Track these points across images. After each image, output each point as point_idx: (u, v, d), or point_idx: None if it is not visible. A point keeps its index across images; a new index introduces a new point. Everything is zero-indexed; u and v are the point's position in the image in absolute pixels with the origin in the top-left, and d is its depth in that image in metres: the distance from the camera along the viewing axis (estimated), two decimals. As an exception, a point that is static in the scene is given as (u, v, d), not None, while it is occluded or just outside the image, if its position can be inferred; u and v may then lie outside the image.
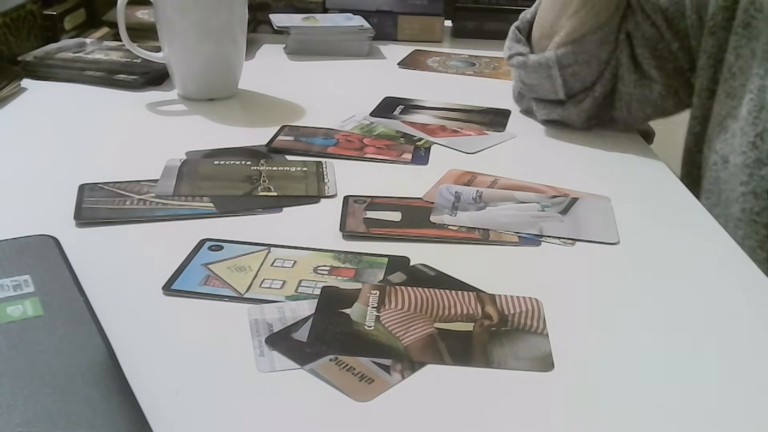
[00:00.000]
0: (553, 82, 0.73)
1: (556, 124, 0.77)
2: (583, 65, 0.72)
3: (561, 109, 0.75)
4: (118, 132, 0.73)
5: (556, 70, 0.72)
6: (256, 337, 0.42)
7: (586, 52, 0.72)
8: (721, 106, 0.66)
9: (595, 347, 0.43)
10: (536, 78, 0.75)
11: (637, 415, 0.38)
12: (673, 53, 0.73)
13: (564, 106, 0.75)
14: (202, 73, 0.80)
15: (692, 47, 0.71)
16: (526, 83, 0.77)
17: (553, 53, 0.72)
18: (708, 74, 0.69)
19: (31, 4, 0.92)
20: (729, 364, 0.42)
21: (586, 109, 0.74)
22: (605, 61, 0.73)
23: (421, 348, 0.42)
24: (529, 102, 0.79)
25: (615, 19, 0.73)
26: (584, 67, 0.73)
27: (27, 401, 0.35)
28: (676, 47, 0.72)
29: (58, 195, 0.58)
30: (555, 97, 0.75)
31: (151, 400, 0.37)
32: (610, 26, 0.72)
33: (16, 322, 0.41)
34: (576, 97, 0.74)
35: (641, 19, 0.73)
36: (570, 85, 0.73)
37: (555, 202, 0.60)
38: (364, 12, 1.07)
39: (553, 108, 0.76)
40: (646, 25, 0.73)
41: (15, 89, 0.81)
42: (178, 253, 0.50)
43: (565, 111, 0.75)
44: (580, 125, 0.76)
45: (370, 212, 0.57)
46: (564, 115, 0.75)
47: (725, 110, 0.65)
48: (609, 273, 0.51)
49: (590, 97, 0.74)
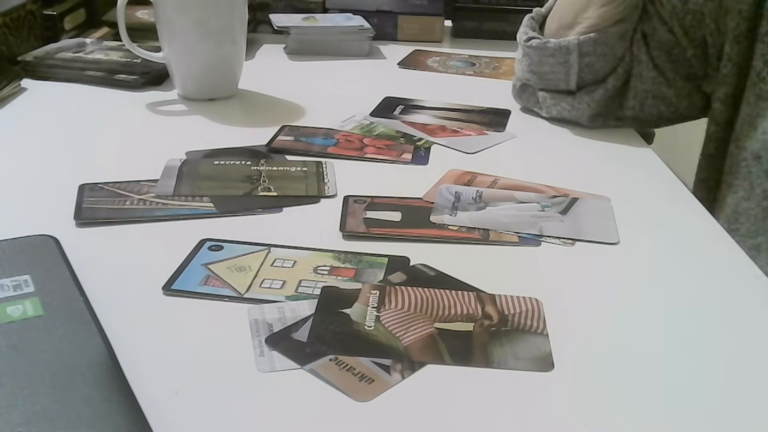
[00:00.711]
0: (568, 70, 0.73)
1: (560, 122, 0.77)
2: (600, 57, 0.73)
3: (571, 99, 0.75)
4: (118, 132, 0.73)
5: (575, 56, 0.73)
6: (256, 337, 0.42)
7: (605, 43, 0.73)
8: (751, 108, 0.67)
9: (595, 347, 0.43)
10: (550, 65, 0.74)
11: (637, 415, 0.38)
12: (687, 59, 0.73)
13: (574, 96, 0.75)
14: (202, 73, 0.80)
15: (709, 55, 0.72)
16: (536, 71, 0.76)
17: (575, 38, 0.73)
18: (733, 81, 0.69)
19: (31, 4, 0.92)
20: (729, 364, 0.42)
21: (597, 101, 0.74)
22: (620, 57, 0.74)
23: (421, 348, 0.42)
24: (532, 97, 0.79)
25: (634, 17, 0.74)
26: (600, 60, 0.73)
27: (27, 401, 0.35)
28: (690, 54, 0.73)
29: (58, 195, 0.58)
30: (565, 87, 0.75)
31: (151, 400, 0.37)
32: (629, 22, 0.73)
33: (16, 322, 0.41)
34: (587, 88, 0.75)
35: (658, 24, 0.73)
36: (583, 76, 0.74)
37: (555, 202, 0.60)
38: (364, 12, 1.07)
39: (561, 98, 0.76)
40: (662, 30, 0.73)
41: (15, 89, 0.81)
42: (178, 253, 0.50)
43: (575, 101, 0.75)
44: (586, 121, 0.76)
45: (370, 212, 0.57)
46: (571, 108, 0.75)
47: (756, 111, 0.66)
48: (609, 273, 0.51)
49: (602, 89, 0.74)
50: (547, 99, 0.77)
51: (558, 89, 0.76)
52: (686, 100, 0.75)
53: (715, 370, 0.42)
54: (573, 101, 0.75)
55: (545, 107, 0.77)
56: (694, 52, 0.73)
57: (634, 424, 0.37)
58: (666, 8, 0.73)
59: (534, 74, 0.77)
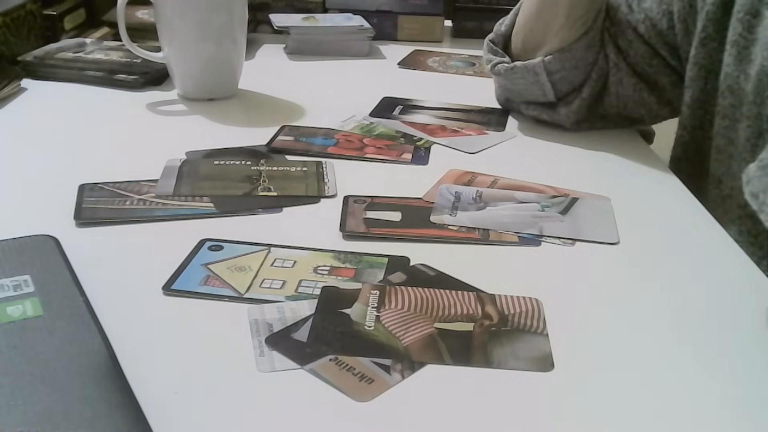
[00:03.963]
0: (542, 87, 0.74)
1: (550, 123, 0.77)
2: (570, 70, 0.73)
3: (551, 112, 0.76)
4: (118, 132, 0.72)
5: (544, 76, 0.73)
6: (256, 337, 0.42)
7: (573, 58, 0.72)
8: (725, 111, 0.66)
9: (595, 347, 0.43)
10: (523, 83, 0.75)
11: (637, 415, 0.38)
12: (669, 67, 0.73)
13: (555, 108, 0.75)
14: (202, 73, 0.80)
15: (682, 58, 0.71)
16: (512, 89, 0.77)
17: (540, 60, 0.72)
18: (699, 85, 0.69)
19: (31, 4, 0.92)
20: (729, 363, 0.42)
21: (575, 111, 0.74)
22: (592, 62, 0.74)
23: (421, 348, 0.42)
24: (517, 106, 0.79)
25: (598, 23, 0.73)
26: (572, 72, 0.73)
27: (27, 401, 0.35)
28: (673, 62, 0.72)
29: (58, 195, 0.58)
30: (544, 99, 0.75)
31: (151, 400, 0.37)
32: (594, 30, 0.73)
33: (16, 322, 0.41)
34: (565, 99, 0.75)
35: (633, 37, 0.73)
36: (559, 88, 0.74)
37: (555, 202, 0.60)
38: (364, 12, 1.07)
39: (543, 110, 0.76)
40: (638, 42, 0.73)
41: (15, 89, 0.81)
42: (178, 253, 0.50)
43: (555, 113, 0.75)
44: (569, 127, 0.76)
45: (370, 212, 0.57)
46: (554, 117, 0.76)
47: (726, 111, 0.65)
48: (609, 273, 0.51)
49: (578, 99, 0.74)
50: (530, 109, 0.77)
51: (538, 101, 0.76)
52: (667, 107, 0.75)
53: (715, 370, 0.42)
54: (553, 114, 0.76)
55: (531, 116, 0.78)
56: (675, 58, 0.72)
57: (634, 424, 0.37)
58: (638, 15, 0.72)
59: (511, 92, 0.78)
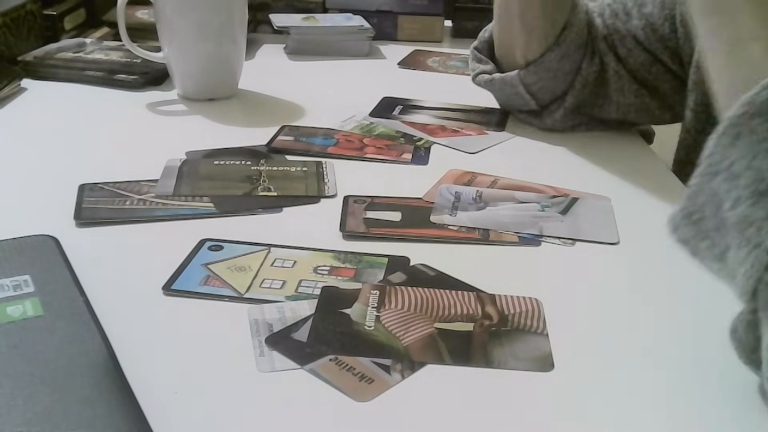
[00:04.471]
0: (522, 97, 0.74)
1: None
2: (549, 80, 0.73)
3: (539, 121, 0.76)
4: (118, 132, 0.72)
5: (521, 88, 0.73)
6: (256, 337, 0.42)
7: (547, 69, 0.72)
8: None
9: (595, 347, 0.43)
10: (505, 95, 0.76)
11: (637, 415, 0.38)
12: (670, 72, 0.73)
13: (540, 117, 0.76)
14: (202, 73, 0.80)
15: (684, 62, 0.71)
16: (498, 98, 0.79)
17: (516, 73, 0.72)
18: (702, 88, 0.68)
19: (31, 4, 0.92)
20: (729, 363, 0.42)
21: (560, 119, 0.75)
22: (572, 71, 0.73)
23: (421, 348, 0.42)
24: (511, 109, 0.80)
25: (570, 36, 0.72)
26: (550, 82, 0.73)
27: (27, 401, 0.35)
28: (675, 67, 0.72)
29: (58, 195, 0.58)
30: (528, 108, 0.76)
31: (151, 400, 0.37)
32: (567, 42, 0.72)
33: (16, 322, 0.41)
34: (548, 108, 0.75)
35: (632, 45, 0.73)
36: (540, 97, 0.74)
37: (555, 202, 0.60)
38: (364, 12, 1.07)
39: (531, 119, 0.77)
40: (638, 50, 0.73)
41: (15, 89, 0.81)
42: (178, 253, 0.50)
43: (541, 121, 0.76)
44: (562, 130, 0.76)
45: (370, 212, 0.57)
46: (541, 125, 0.76)
47: None
48: (609, 273, 0.51)
49: (561, 108, 0.74)
50: (520, 115, 0.78)
51: (525, 109, 0.77)
52: (669, 113, 0.75)
53: (716, 370, 0.42)
54: (539, 122, 0.76)
55: (522, 121, 0.78)
56: (678, 63, 0.72)
57: (634, 424, 0.37)
58: (637, 22, 0.72)
59: (498, 100, 0.79)
